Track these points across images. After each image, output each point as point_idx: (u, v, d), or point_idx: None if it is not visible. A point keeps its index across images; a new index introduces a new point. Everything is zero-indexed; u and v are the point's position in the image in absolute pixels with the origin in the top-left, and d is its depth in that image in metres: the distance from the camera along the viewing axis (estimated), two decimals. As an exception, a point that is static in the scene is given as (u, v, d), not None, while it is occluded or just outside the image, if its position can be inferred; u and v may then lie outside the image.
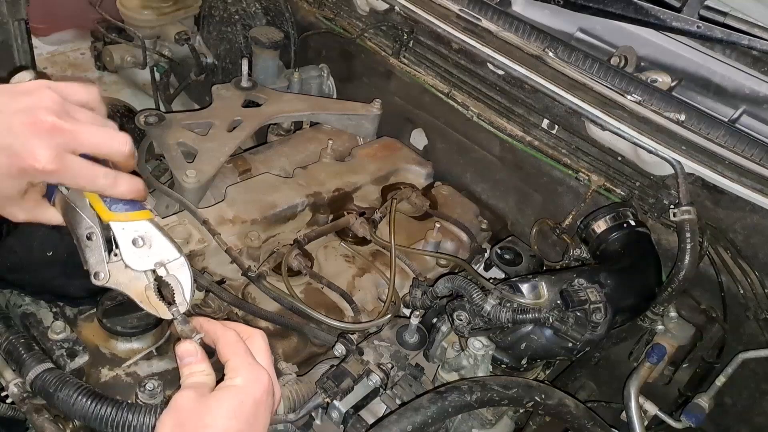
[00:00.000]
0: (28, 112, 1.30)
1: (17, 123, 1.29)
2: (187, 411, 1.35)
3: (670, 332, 2.41)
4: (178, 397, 1.37)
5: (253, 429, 1.38)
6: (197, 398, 1.37)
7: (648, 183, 2.44)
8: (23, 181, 1.37)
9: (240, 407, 1.36)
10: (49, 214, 1.51)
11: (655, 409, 2.28)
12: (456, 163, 3.02)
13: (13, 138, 1.29)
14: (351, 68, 3.31)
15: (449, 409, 1.73)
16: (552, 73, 2.46)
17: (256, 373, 1.42)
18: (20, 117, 1.30)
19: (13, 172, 1.32)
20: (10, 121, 1.29)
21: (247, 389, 1.39)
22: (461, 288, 2.03)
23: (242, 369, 1.42)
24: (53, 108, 1.33)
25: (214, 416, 1.33)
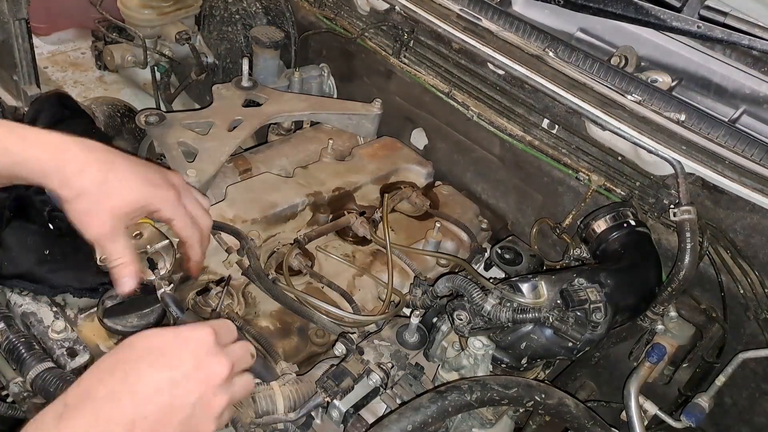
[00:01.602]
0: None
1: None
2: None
3: (670, 332, 2.41)
4: None
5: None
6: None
7: (648, 183, 2.44)
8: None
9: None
10: None
11: (655, 408, 2.28)
12: (456, 162, 3.02)
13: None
14: (351, 68, 3.31)
15: (449, 408, 1.73)
16: (552, 73, 2.46)
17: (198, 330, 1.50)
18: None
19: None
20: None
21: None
22: (461, 287, 2.03)
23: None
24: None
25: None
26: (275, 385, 1.80)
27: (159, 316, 1.97)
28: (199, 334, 1.46)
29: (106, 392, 1.33)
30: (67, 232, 2.08)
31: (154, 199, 1.76)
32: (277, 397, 1.77)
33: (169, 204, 1.79)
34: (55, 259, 2.00)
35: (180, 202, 1.83)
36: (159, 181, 1.79)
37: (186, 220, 1.85)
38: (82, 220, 1.68)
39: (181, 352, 1.42)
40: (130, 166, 1.74)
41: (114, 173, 1.69)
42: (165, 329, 1.47)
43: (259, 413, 1.73)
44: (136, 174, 1.74)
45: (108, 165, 1.69)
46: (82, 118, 2.41)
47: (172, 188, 1.80)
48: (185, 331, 1.47)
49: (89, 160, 1.66)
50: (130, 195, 1.71)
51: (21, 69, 3.00)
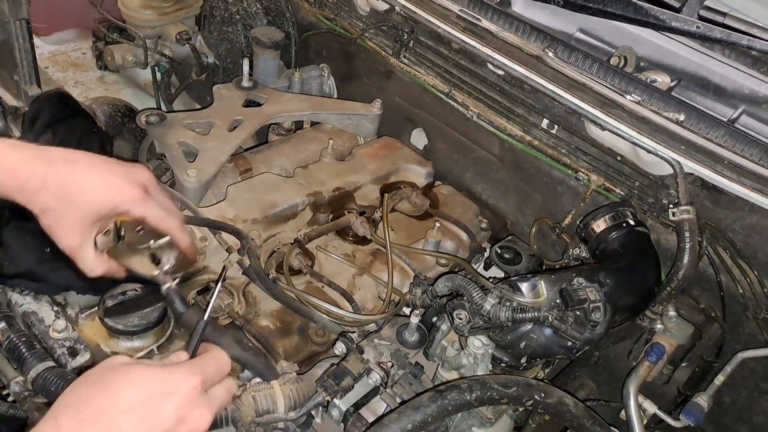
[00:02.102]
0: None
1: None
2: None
3: (670, 331, 2.41)
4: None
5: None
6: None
7: (647, 183, 2.44)
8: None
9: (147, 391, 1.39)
10: None
11: (654, 408, 2.28)
12: (456, 162, 3.02)
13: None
14: (351, 68, 3.32)
15: (449, 407, 1.73)
16: (552, 73, 2.46)
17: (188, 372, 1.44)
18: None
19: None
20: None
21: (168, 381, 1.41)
22: (461, 287, 2.03)
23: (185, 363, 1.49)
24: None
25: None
26: (275, 384, 1.80)
27: (160, 315, 1.97)
28: (186, 385, 1.41)
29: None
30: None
31: (120, 202, 1.73)
32: (278, 396, 1.77)
33: (136, 203, 1.75)
34: (55, 258, 1.99)
35: (147, 198, 1.77)
36: (122, 182, 1.74)
37: (158, 213, 1.80)
38: (52, 234, 1.69)
39: (166, 408, 1.37)
40: (93, 172, 1.71)
41: (74, 185, 1.66)
42: (151, 373, 1.40)
43: (259, 412, 1.73)
44: (98, 180, 1.70)
45: (67, 177, 1.66)
46: (82, 117, 2.41)
47: (136, 186, 1.75)
48: (172, 380, 1.41)
49: (48, 175, 1.64)
50: (93, 204, 1.69)
51: (21, 69, 3.00)
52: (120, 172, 1.75)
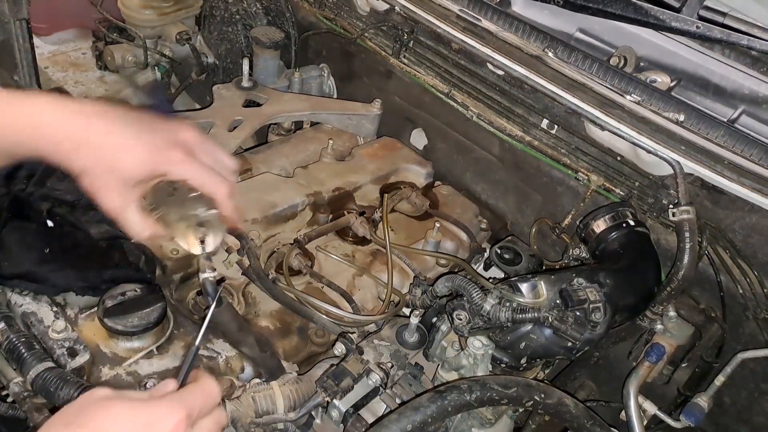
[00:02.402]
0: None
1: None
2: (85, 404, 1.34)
3: (669, 332, 2.41)
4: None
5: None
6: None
7: (647, 183, 2.44)
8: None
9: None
10: None
11: (654, 408, 2.28)
12: (456, 162, 3.02)
13: None
14: (351, 68, 3.32)
15: (449, 408, 1.73)
16: (551, 73, 2.46)
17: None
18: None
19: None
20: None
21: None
22: (461, 287, 2.03)
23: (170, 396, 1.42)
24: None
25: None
26: (275, 384, 1.80)
27: (159, 316, 1.97)
28: (170, 421, 1.35)
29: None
30: (67, 229, 2.08)
31: (159, 164, 1.65)
32: (277, 396, 1.77)
33: (175, 164, 1.66)
34: (55, 258, 2.00)
35: (187, 159, 1.68)
36: (162, 143, 1.67)
37: (201, 175, 1.71)
38: (93, 196, 1.64)
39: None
40: (130, 131, 1.64)
41: (112, 145, 1.62)
42: (134, 408, 1.34)
43: (259, 413, 1.73)
44: (135, 140, 1.63)
45: (105, 137, 1.62)
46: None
47: (175, 147, 1.67)
48: (156, 416, 1.35)
49: (85, 136, 1.60)
50: (130, 165, 1.63)
51: (21, 69, 3.00)
52: (160, 133, 1.69)
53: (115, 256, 2.07)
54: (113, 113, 1.64)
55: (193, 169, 1.69)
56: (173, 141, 1.68)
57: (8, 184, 2.12)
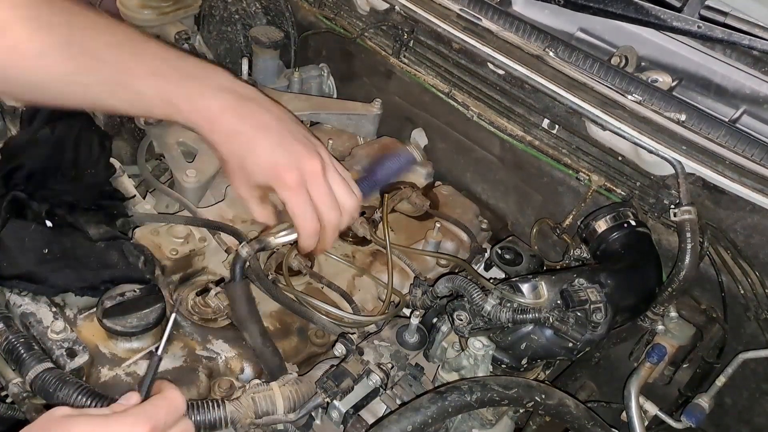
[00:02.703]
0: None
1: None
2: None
3: (671, 332, 2.41)
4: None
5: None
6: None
7: (648, 183, 2.44)
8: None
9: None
10: None
11: (655, 409, 2.28)
12: (456, 162, 3.02)
13: None
14: (351, 68, 3.31)
15: (449, 409, 1.73)
16: (552, 72, 2.46)
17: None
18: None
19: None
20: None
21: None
22: (461, 288, 2.03)
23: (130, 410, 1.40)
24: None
25: None
26: (275, 385, 1.80)
27: (159, 316, 1.97)
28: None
29: None
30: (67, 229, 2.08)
31: (273, 180, 1.83)
32: (277, 397, 1.77)
33: (284, 189, 1.84)
34: (54, 258, 2.00)
35: (297, 189, 1.84)
36: (283, 163, 1.82)
37: (298, 209, 1.86)
38: (229, 178, 1.94)
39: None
40: (268, 143, 1.82)
41: (250, 151, 1.82)
42: (94, 427, 1.32)
43: (258, 414, 1.73)
44: (268, 154, 1.82)
45: (249, 141, 1.81)
46: (80, 115, 2.41)
47: (294, 172, 1.82)
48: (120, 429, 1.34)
49: (235, 132, 1.80)
50: (255, 173, 1.84)
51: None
52: (290, 154, 1.84)
53: (114, 256, 2.07)
54: (265, 115, 1.85)
55: (293, 201, 1.84)
56: (294, 164, 1.83)
57: (7, 184, 2.12)
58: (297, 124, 1.93)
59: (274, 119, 1.85)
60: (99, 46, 1.67)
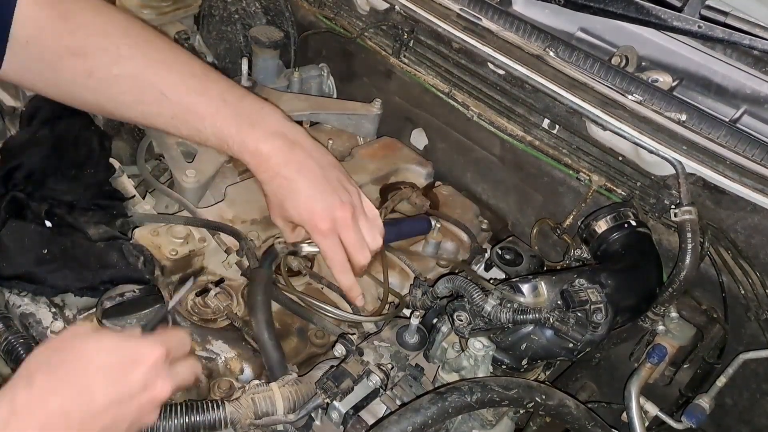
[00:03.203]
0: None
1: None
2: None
3: (671, 333, 2.41)
4: None
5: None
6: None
7: (649, 183, 2.44)
8: None
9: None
10: None
11: (655, 409, 2.28)
12: (456, 162, 3.02)
13: None
14: (351, 68, 3.31)
15: (449, 409, 1.73)
16: (553, 72, 2.46)
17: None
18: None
19: None
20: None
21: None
22: (461, 288, 2.03)
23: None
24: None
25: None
26: (275, 386, 1.80)
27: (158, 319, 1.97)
28: (151, 355, 1.51)
29: (58, 408, 1.36)
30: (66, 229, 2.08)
31: (307, 227, 2.12)
32: (277, 398, 1.77)
33: (316, 235, 2.12)
34: (53, 259, 2.00)
35: (328, 236, 2.10)
36: (320, 212, 2.08)
37: (326, 252, 2.15)
38: (270, 208, 2.23)
39: (134, 373, 1.47)
40: (307, 188, 2.08)
41: (289, 194, 2.08)
42: (119, 342, 1.51)
43: (258, 414, 1.73)
44: (306, 199, 2.08)
45: (290, 184, 2.07)
46: (80, 116, 2.41)
47: (327, 221, 2.08)
48: (139, 349, 1.51)
49: (278, 174, 2.07)
50: (294, 215, 2.12)
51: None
52: (325, 201, 2.09)
53: (114, 257, 2.07)
54: (309, 161, 2.10)
55: (325, 245, 2.12)
56: (328, 213, 2.08)
57: (6, 184, 2.12)
58: (336, 168, 2.18)
59: (317, 166, 2.09)
60: (167, 84, 2.00)
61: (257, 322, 1.97)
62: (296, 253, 2.27)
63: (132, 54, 1.99)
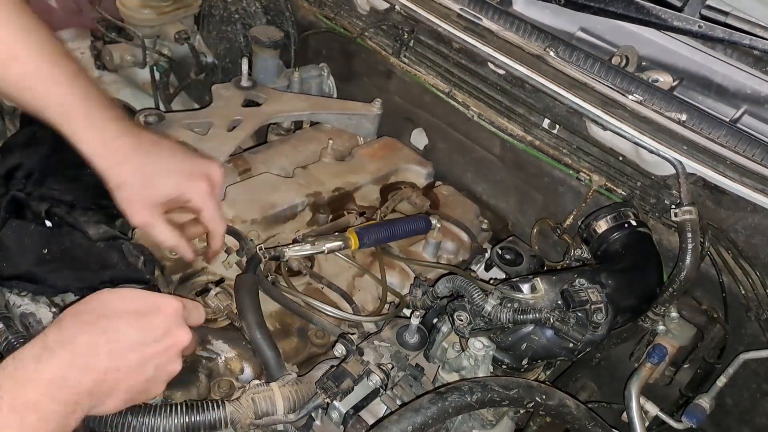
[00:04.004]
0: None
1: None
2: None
3: (671, 332, 2.41)
4: None
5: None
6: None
7: (649, 183, 2.44)
8: None
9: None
10: None
11: (656, 409, 2.28)
12: (456, 162, 3.02)
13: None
14: (351, 67, 3.32)
15: (450, 409, 1.73)
16: (553, 72, 2.46)
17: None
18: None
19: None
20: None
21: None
22: (462, 288, 2.03)
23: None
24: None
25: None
26: (275, 386, 1.80)
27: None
28: (170, 305, 1.58)
29: (86, 341, 1.44)
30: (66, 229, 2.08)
31: (187, 191, 2.00)
32: (277, 398, 1.77)
33: (200, 195, 2.01)
34: (54, 258, 2.00)
35: (211, 194, 2.04)
36: (195, 172, 2.01)
37: (214, 212, 2.07)
38: (123, 208, 1.96)
39: (155, 318, 1.54)
40: (172, 158, 1.99)
41: (153, 166, 1.94)
42: (140, 292, 1.60)
43: (258, 414, 1.73)
44: (174, 167, 1.98)
45: (150, 158, 1.94)
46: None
47: (206, 180, 2.02)
48: (158, 299, 1.59)
49: (134, 152, 1.91)
50: (165, 187, 1.96)
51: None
52: (196, 164, 2.04)
53: (114, 256, 2.07)
54: (162, 142, 2.01)
55: (210, 203, 2.05)
56: (204, 173, 2.03)
57: (6, 183, 2.12)
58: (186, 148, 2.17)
59: (167, 141, 2.06)
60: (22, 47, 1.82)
61: (248, 325, 1.96)
62: (278, 258, 2.23)
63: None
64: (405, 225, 2.48)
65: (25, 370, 1.39)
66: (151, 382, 1.56)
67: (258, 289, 2.07)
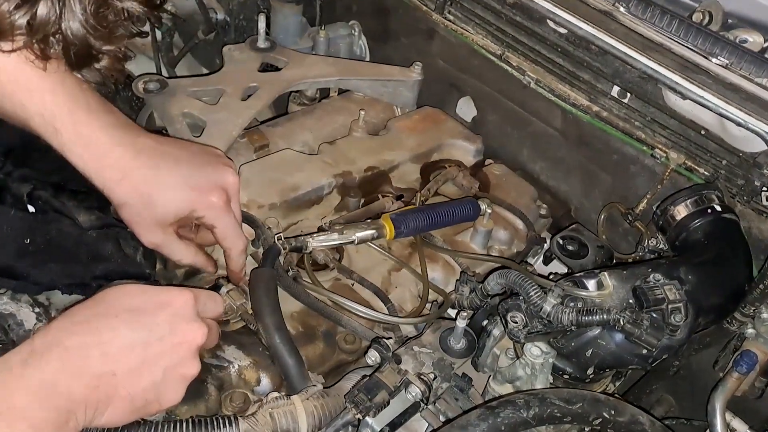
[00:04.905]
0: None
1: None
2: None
3: (763, 337, 2.40)
4: None
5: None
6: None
7: (736, 161, 2.43)
8: None
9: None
10: None
11: (744, 426, 2.28)
12: (510, 137, 3.02)
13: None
14: (386, 26, 3.32)
15: (502, 427, 1.73)
16: (623, 31, 2.45)
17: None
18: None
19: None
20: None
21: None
22: (516, 284, 2.03)
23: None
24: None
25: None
26: (297, 399, 1.80)
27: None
28: (179, 299, 1.64)
29: (77, 343, 1.49)
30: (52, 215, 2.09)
31: (198, 208, 2.00)
32: (300, 413, 1.77)
33: (213, 212, 2.02)
34: (38, 250, 2.00)
35: (226, 208, 2.04)
36: (206, 185, 2.00)
37: (230, 229, 2.08)
38: (131, 228, 2.00)
39: (158, 315, 1.59)
40: (177, 170, 1.96)
41: (155, 181, 1.92)
42: (145, 287, 1.66)
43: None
44: (181, 181, 1.96)
45: (151, 171, 1.92)
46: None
47: (218, 192, 2.01)
48: (165, 293, 1.65)
49: (131, 168, 1.89)
50: (171, 206, 1.96)
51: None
52: (206, 174, 2.03)
53: (108, 247, 2.08)
54: (163, 148, 1.98)
55: (225, 221, 2.05)
56: (217, 184, 2.02)
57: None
58: (196, 144, 2.21)
59: (175, 147, 2.04)
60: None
61: (266, 328, 1.97)
62: (300, 249, 2.25)
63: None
64: (449, 211, 2.48)
65: (12, 375, 1.41)
66: (162, 387, 1.58)
67: (277, 286, 2.08)
